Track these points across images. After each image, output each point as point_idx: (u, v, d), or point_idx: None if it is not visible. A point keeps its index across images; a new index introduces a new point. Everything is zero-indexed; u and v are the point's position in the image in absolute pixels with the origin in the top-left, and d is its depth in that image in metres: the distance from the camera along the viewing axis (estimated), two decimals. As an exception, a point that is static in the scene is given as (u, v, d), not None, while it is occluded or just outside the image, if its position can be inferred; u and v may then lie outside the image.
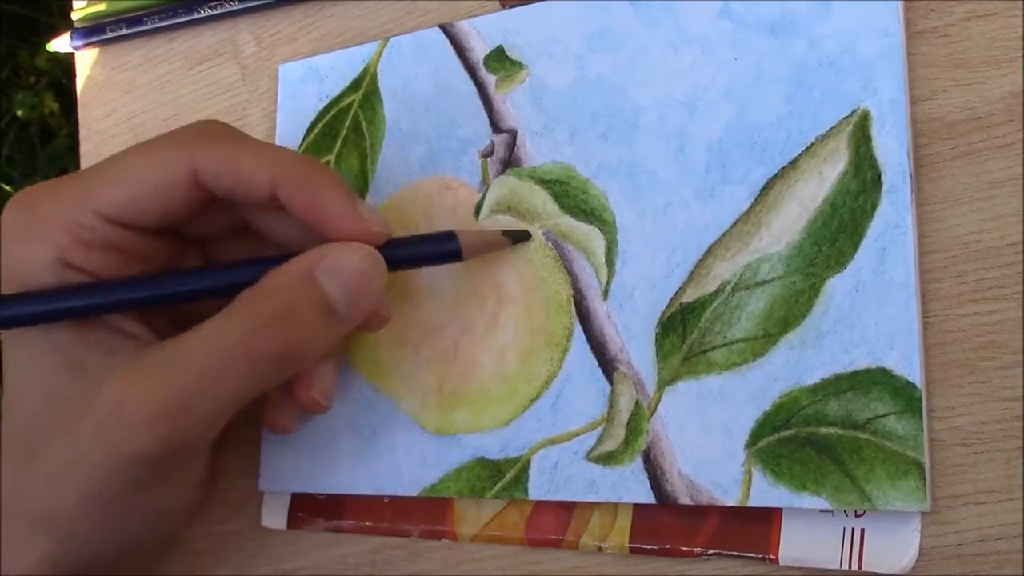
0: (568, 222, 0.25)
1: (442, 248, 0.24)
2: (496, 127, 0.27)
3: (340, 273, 0.22)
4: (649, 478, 0.23)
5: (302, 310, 0.22)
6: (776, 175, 0.23)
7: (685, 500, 0.22)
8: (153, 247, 0.23)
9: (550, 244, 0.25)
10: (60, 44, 0.35)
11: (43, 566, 0.22)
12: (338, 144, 0.29)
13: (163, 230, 0.24)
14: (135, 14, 0.34)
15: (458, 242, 0.24)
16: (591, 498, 0.23)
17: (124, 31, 0.34)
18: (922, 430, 0.20)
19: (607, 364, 0.24)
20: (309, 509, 0.28)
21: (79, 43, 0.35)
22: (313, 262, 0.22)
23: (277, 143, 0.30)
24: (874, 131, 0.22)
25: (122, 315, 0.23)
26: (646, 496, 0.23)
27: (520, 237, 0.25)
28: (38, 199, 0.23)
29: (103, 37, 0.34)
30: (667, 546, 0.23)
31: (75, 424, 0.21)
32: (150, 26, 0.33)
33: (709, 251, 0.23)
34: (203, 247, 0.26)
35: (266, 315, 0.21)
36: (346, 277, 0.22)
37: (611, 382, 0.24)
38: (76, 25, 0.35)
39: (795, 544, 0.22)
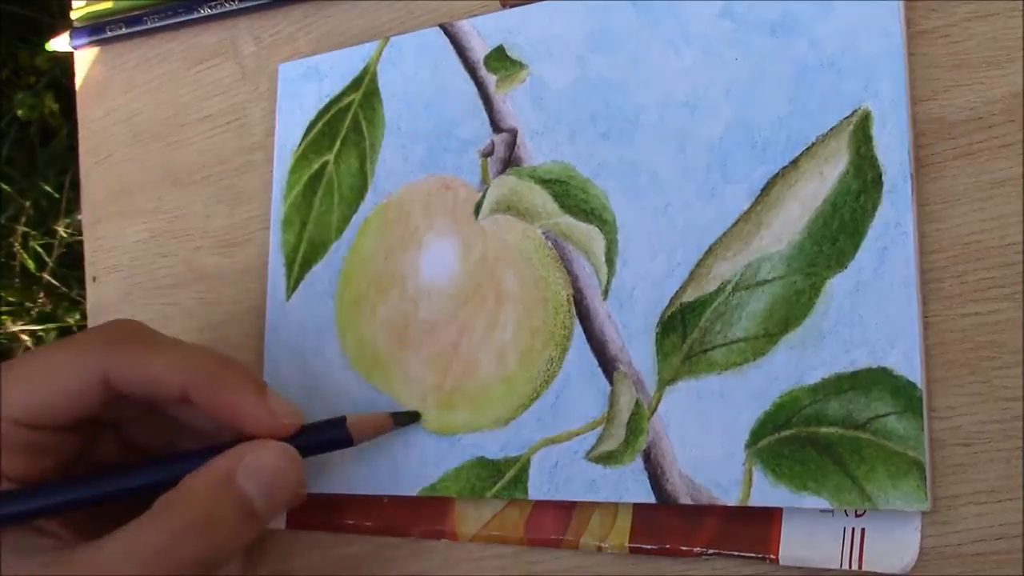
0: (568, 221, 0.25)
1: (333, 435, 0.24)
2: (496, 127, 0.27)
3: (259, 473, 0.23)
4: (649, 478, 0.23)
5: (223, 515, 0.22)
6: (777, 175, 0.23)
7: (685, 500, 0.22)
8: (66, 440, 0.24)
9: (550, 244, 0.25)
10: (59, 43, 0.35)
11: None
12: (338, 143, 0.29)
13: (76, 426, 0.24)
14: (134, 13, 0.34)
15: (345, 428, 0.24)
16: (591, 498, 0.23)
17: (123, 30, 0.34)
18: (923, 430, 0.20)
19: (607, 364, 0.24)
20: (308, 509, 0.28)
21: (78, 42, 0.35)
22: (232, 465, 0.23)
23: (277, 142, 0.30)
24: (875, 131, 0.22)
25: None
26: (646, 496, 0.23)
27: (406, 420, 0.25)
28: None
29: (102, 36, 0.34)
30: (667, 546, 0.23)
31: None
32: (149, 25, 0.33)
33: (710, 251, 0.23)
34: (118, 429, 0.26)
35: (188, 522, 0.22)
36: (265, 477, 0.23)
37: (611, 382, 0.24)
38: (75, 24, 0.35)
39: (795, 544, 0.21)
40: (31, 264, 0.85)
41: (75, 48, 0.35)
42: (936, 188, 0.21)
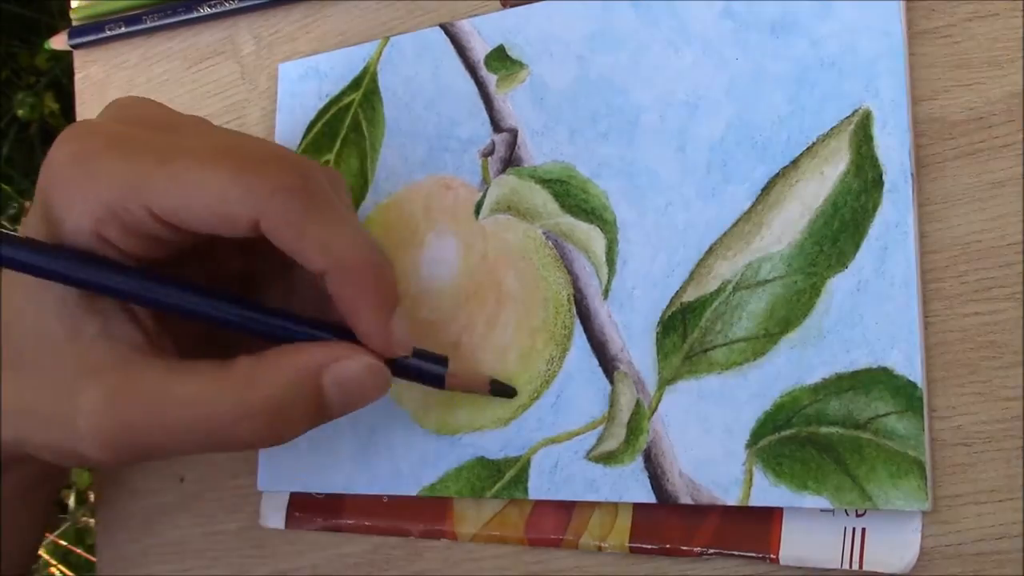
0: (568, 221, 0.25)
1: (431, 371, 0.24)
2: (497, 126, 0.27)
3: (345, 382, 0.22)
4: (649, 477, 0.23)
5: (296, 407, 0.22)
6: (777, 175, 0.23)
7: (686, 500, 0.22)
8: (188, 241, 0.23)
9: (550, 243, 0.25)
10: (58, 42, 0.35)
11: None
12: (337, 143, 0.29)
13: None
14: (134, 13, 0.34)
15: (444, 371, 0.24)
16: (591, 498, 0.23)
17: (123, 29, 0.34)
18: (923, 430, 0.20)
19: (608, 363, 0.24)
20: (308, 509, 0.28)
21: (77, 41, 0.35)
22: (324, 362, 0.22)
23: (276, 142, 0.30)
24: (875, 131, 0.22)
25: None
26: (647, 496, 0.23)
27: (502, 392, 0.25)
28: (95, 163, 0.22)
29: (102, 35, 0.34)
30: (667, 546, 0.23)
31: (49, 389, 0.22)
32: (149, 25, 0.33)
33: (710, 250, 0.23)
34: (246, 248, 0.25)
35: (260, 405, 0.21)
36: (349, 387, 0.22)
37: (612, 381, 0.24)
38: (74, 23, 0.35)
39: (796, 544, 0.21)
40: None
41: (74, 47, 0.35)
42: (936, 188, 0.21)
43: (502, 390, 0.25)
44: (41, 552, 0.84)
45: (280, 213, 0.21)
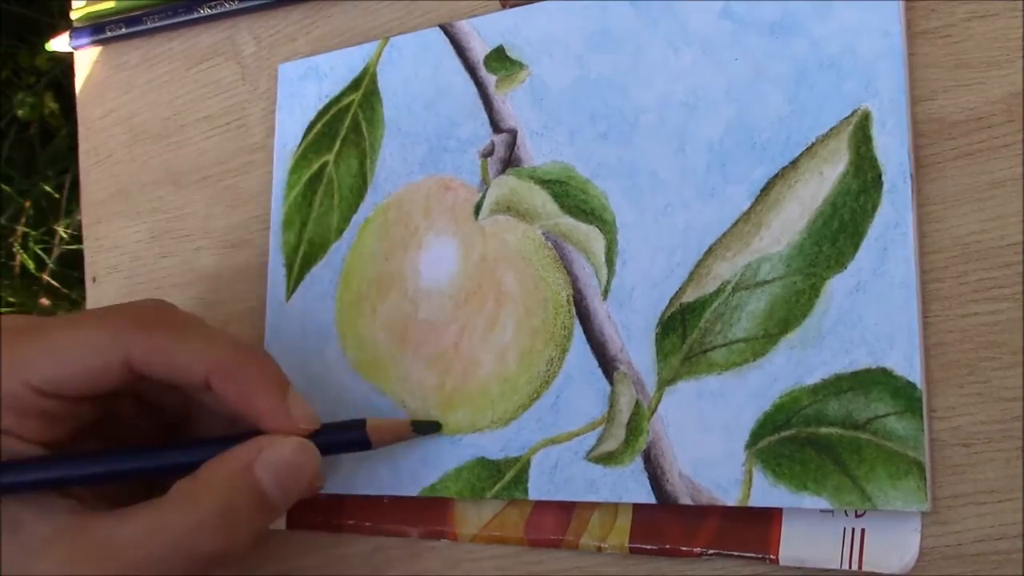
0: (568, 222, 0.25)
1: (352, 437, 0.25)
2: (496, 127, 0.27)
3: (276, 466, 0.23)
4: (649, 478, 0.23)
5: (240, 506, 0.22)
6: (776, 175, 0.23)
7: (685, 500, 0.22)
8: (83, 408, 0.24)
9: (550, 244, 0.25)
10: (59, 44, 0.35)
11: None
12: (337, 144, 0.29)
13: (94, 398, 0.24)
14: (134, 14, 0.34)
15: (365, 432, 0.24)
16: (591, 498, 0.23)
17: (123, 30, 0.34)
18: (923, 430, 0.20)
19: (607, 364, 0.24)
20: (308, 509, 0.28)
21: (78, 43, 0.35)
22: (251, 456, 0.23)
23: (277, 142, 0.30)
24: (875, 131, 0.22)
25: None
26: (646, 496, 0.23)
27: (426, 430, 0.25)
28: None
29: (102, 36, 0.34)
30: (667, 546, 0.23)
31: None
32: (149, 26, 0.33)
33: (709, 251, 0.23)
34: (138, 396, 0.27)
35: (207, 512, 0.22)
36: (282, 470, 0.23)
37: (611, 382, 0.24)
38: (75, 24, 0.35)
39: (795, 544, 0.21)
40: (31, 264, 0.85)
41: (75, 48, 0.35)
42: (936, 188, 0.21)
43: (425, 428, 0.25)
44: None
45: (146, 343, 0.23)
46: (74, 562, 0.22)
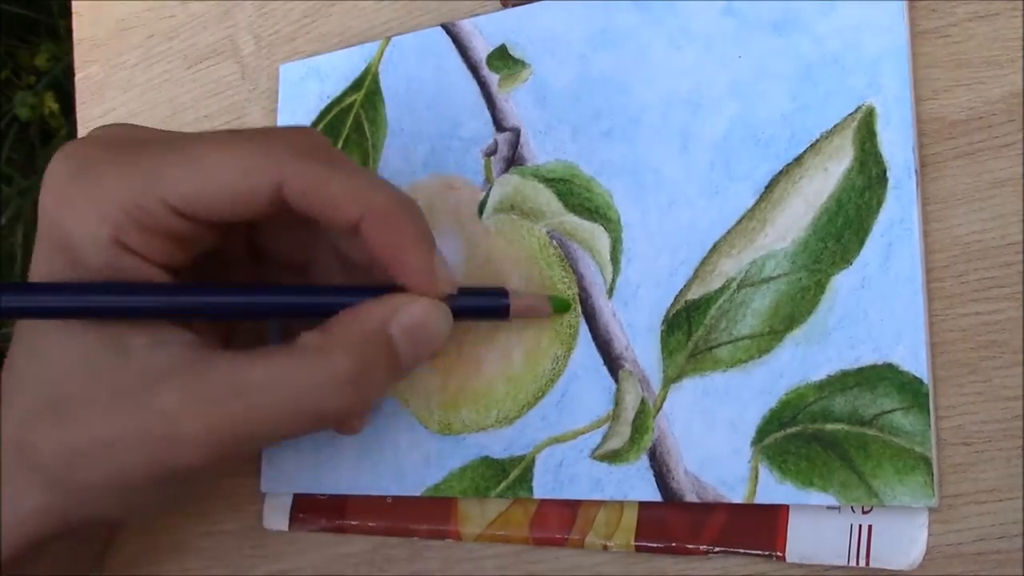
0: (572, 220, 0.25)
1: (492, 303, 0.24)
2: (499, 126, 0.27)
3: (412, 328, 0.22)
4: (655, 476, 0.23)
5: (374, 366, 0.21)
6: (781, 172, 0.23)
7: (691, 497, 0.22)
8: (211, 235, 0.23)
9: (554, 243, 0.25)
10: None
11: (40, 516, 0.22)
12: (339, 144, 0.29)
13: (230, 224, 0.23)
14: None
15: (507, 299, 0.24)
16: (596, 496, 0.23)
17: None
18: (929, 425, 0.20)
19: (612, 362, 0.24)
20: (311, 510, 0.28)
21: None
22: (387, 315, 0.22)
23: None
24: (879, 127, 0.22)
25: None
26: (652, 494, 0.23)
27: (562, 307, 0.25)
28: (99, 168, 0.21)
29: None
30: (673, 544, 0.23)
31: (119, 414, 0.21)
32: None
33: (714, 248, 0.23)
34: (256, 230, 0.25)
35: (339, 370, 0.21)
36: (417, 332, 0.22)
37: (616, 380, 0.24)
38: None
39: (802, 541, 0.21)
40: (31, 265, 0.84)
41: None
42: (936, 188, 0.22)
43: (561, 305, 0.24)
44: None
45: (304, 172, 0.21)
46: (197, 398, 0.20)
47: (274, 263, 0.26)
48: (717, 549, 0.22)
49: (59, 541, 0.23)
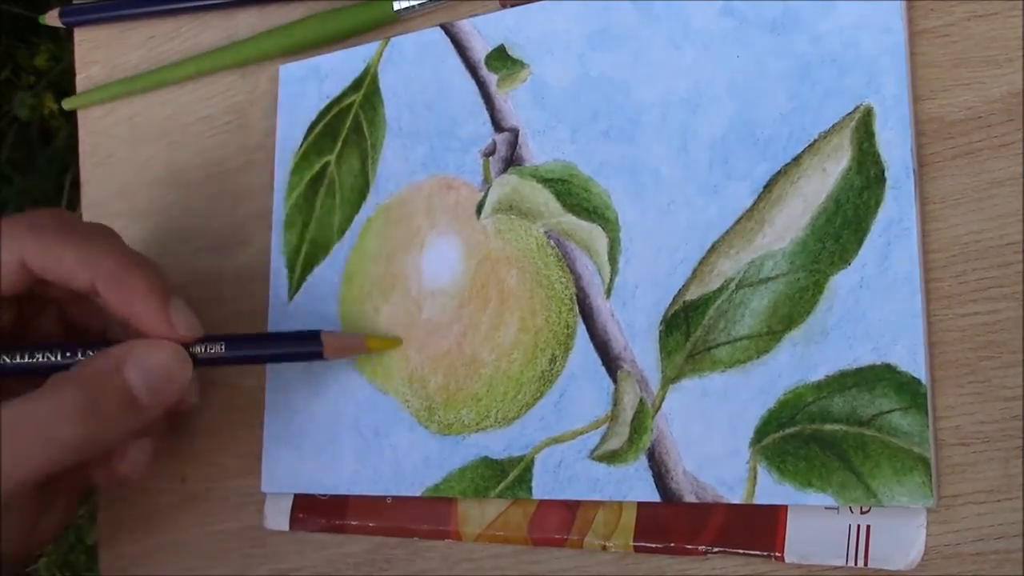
0: (570, 220, 0.25)
1: (304, 349, 0.26)
2: (498, 126, 0.27)
3: (146, 368, 0.24)
4: (654, 476, 0.23)
5: (106, 402, 0.24)
6: (779, 172, 0.23)
7: (690, 498, 0.22)
8: (2, 310, 0.26)
9: (552, 243, 0.25)
10: (51, 18, 0.35)
11: None
12: (339, 144, 0.29)
13: (9, 298, 0.25)
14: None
15: (320, 344, 0.25)
16: (595, 497, 0.23)
17: (116, 12, 0.34)
18: (928, 426, 0.20)
19: (611, 362, 0.24)
20: (311, 510, 0.28)
21: (69, 20, 0.35)
22: (122, 356, 0.24)
23: (278, 143, 0.30)
24: (877, 127, 0.22)
25: None
26: (651, 494, 0.23)
27: (387, 345, 0.26)
28: None
29: (94, 16, 0.34)
30: (672, 544, 0.23)
31: None
32: (145, 9, 0.33)
33: (712, 248, 0.23)
34: (60, 309, 0.28)
35: (70, 405, 0.23)
36: (151, 373, 0.24)
37: (615, 380, 0.24)
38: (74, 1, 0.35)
39: (800, 541, 0.21)
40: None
41: (65, 24, 0.35)
42: (935, 188, 0.21)
43: (380, 343, 0.26)
44: (40, 553, 0.83)
45: (39, 246, 0.24)
46: None
47: (83, 331, 0.29)
48: (716, 549, 0.22)
49: None
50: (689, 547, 0.23)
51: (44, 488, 0.26)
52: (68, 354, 0.25)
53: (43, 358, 0.25)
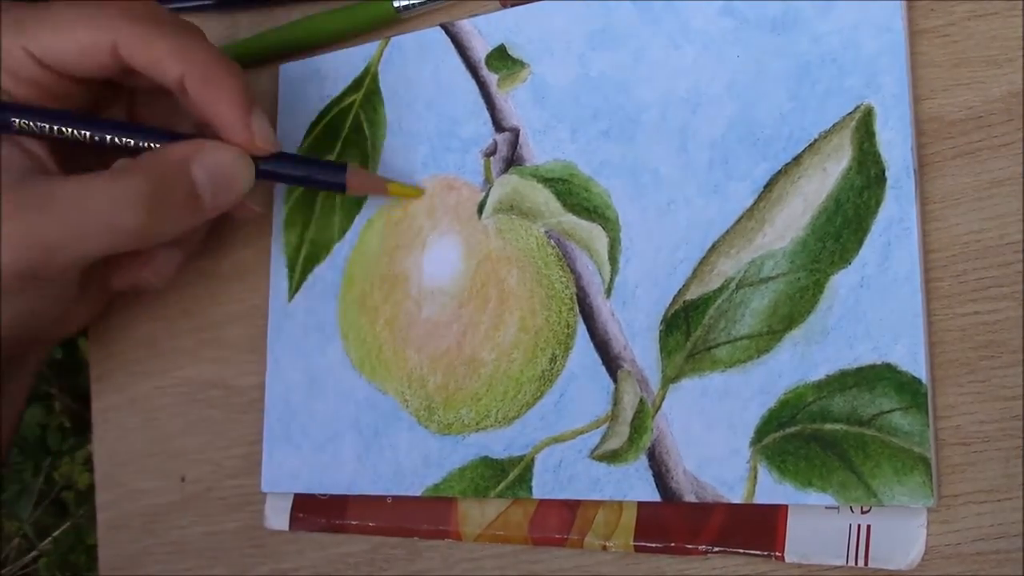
0: (571, 220, 0.25)
1: (329, 178, 0.26)
2: (498, 126, 0.27)
3: (211, 168, 0.25)
4: (654, 476, 0.23)
5: (170, 195, 0.24)
6: (779, 171, 0.23)
7: (690, 498, 0.22)
8: (77, 90, 0.26)
9: (553, 242, 0.25)
10: None
11: None
12: (339, 144, 0.29)
13: (88, 80, 0.26)
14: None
15: (344, 176, 0.26)
16: (596, 496, 0.23)
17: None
18: (928, 425, 0.20)
19: (611, 362, 0.24)
20: (311, 510, 0.28)
21: None
22: (190, 152, 0.25)
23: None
24: (878, 127, 0.22)
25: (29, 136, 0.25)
26: (651, 494, 0.23)
27: (408, 192, 0.27)
28: None
29: None
30: (672, 544, 0.23)
31: None
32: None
33: (713, 248, 0.23)
34: (131, 101, 0.28)
35: (136, 192, 0.24)
36: (216, 172, 0.25)
37: (615, 380, 0.24)
38: None
39: (801, 541, 0.21)
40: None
41: None
42: (935, 187, 0.22)
43: (402, 190, 0.27)
44: (41, 553, 0.83)
45: (132, 31, 0.24)
46: (17, 211, 0.23)
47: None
48: (716, 549, 0.22)
49: None
50: (689, 547, 0.23)
51: (85, 272, 0.26)
52: (135, 141, 0.25)
53: (112, 139, 0.25)
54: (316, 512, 0.28)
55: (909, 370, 0.21)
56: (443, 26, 0.28)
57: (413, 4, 0.29)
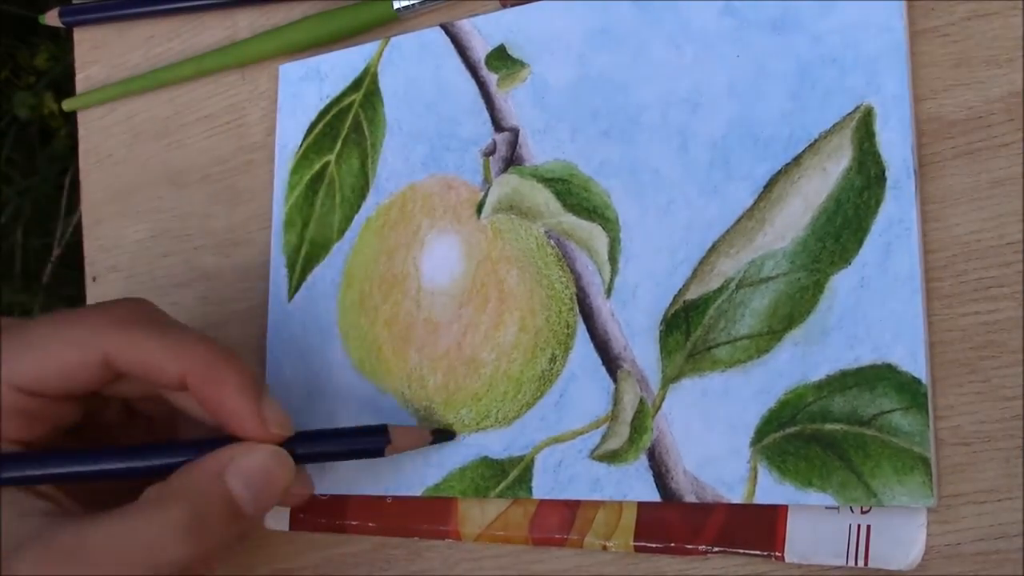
0: (570, 220, 0.25)
1: (370, 445, 0.24)
2: (498, 126, 0.27)
3: (248, 475, 0.23)
4: (654, 476, 0.23)
5: (211, 514, 0.22)
6: (780, 171, 0.23)
7: (690, 498, 0.22)
8: (65, 408, 0.24)
9: (553, 242, 0.25)
10: (51, 18, 0.35)
11: None
12: (339, 144, 0.29)
13: (75, 397, 0.24)
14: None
15: (383, 439, 0.24)
16: (596, 496, 0.23)
17: (115, 12, 0.34)
18: (928, 426, 0.20)
19: (611, 362, 0.24)
20: (312, 510, 0.28)
21: (69, 19, 0.35)
22: (222, 465, 0.23)
23: (278, 143, 0.30)
24: (878, 127, 0.22)
25: None
26: (651, 494, 0.23)
27: (444, 437, 0.25)
28: None
29: (93, 16, 0.34)
30: (672, 544, 0.23)
31: None
32: (144, 9, 0.33)
33: (713, 248, 0.23)
34: (125, 404, 0.27)
35: (177, 520, 0.22)
36: (253, 478, 0.23)
37: (615, 380, 0.24)
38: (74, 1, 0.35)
39: (801, 541, 0.21)
40: (31, 264, 0.85)
41: (65, 24, 0.35)
42: (935, 187, 0.22)
43: (442, 435, 0.25)
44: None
45: (125, 341, 0.23)
46: (43, 565, 0.22)
47: (148, 427, 0.27)
48: (716, 549, 0.22)
49: None
50: (689, 547, 0.23)
51: None
52: (159, 460, 0.23)
53: (134, 464, 0.23)
54: (316, 512, 0.28)
55: (909, 370, 0.21)
56: (443, 26, 0.28)
57: (413, 4, 0.29)
